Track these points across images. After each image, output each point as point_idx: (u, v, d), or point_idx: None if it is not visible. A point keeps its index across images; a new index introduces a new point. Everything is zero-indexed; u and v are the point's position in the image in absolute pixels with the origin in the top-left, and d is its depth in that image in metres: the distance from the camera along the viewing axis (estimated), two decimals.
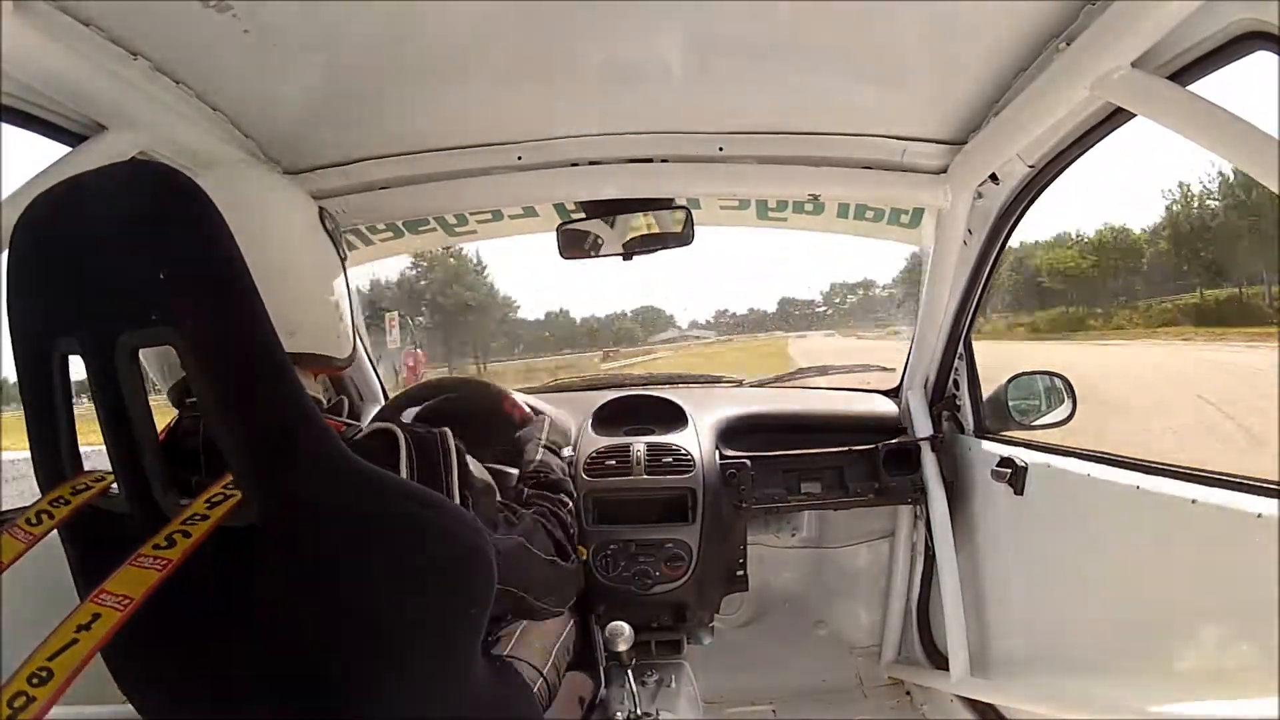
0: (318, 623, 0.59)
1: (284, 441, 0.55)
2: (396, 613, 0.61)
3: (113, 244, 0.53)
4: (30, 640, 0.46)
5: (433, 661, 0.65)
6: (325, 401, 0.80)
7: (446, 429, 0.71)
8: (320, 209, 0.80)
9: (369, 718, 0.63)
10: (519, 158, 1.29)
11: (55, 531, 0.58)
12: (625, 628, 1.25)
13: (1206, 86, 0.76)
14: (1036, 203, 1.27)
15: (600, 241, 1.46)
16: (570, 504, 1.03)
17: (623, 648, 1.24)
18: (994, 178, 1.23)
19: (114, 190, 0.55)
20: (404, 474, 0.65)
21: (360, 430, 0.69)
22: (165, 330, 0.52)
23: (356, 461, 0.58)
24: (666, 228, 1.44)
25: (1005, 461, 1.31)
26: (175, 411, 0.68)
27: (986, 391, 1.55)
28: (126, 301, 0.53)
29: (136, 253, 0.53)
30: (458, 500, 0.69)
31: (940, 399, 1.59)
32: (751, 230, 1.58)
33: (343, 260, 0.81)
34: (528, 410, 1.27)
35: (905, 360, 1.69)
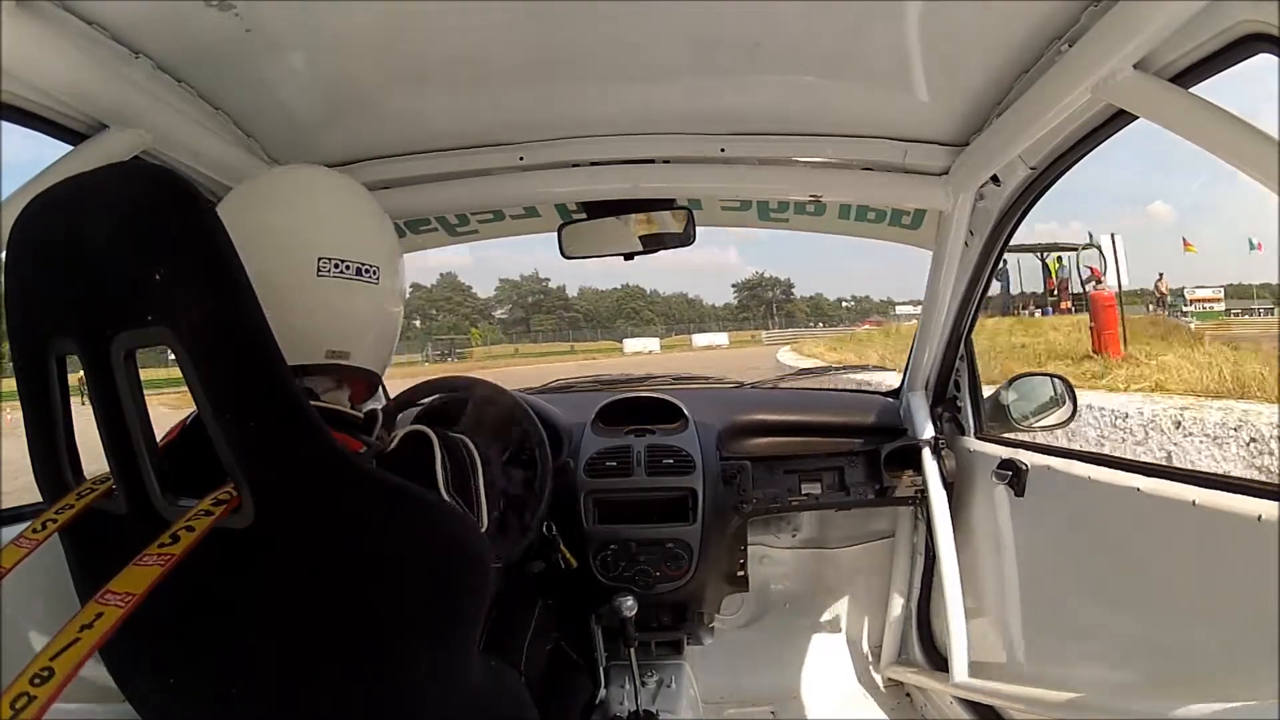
0: (315, 623, 0.59)
1: (280, 443, 0.55)
2: (393, 612, 0.61)
3: (108, 244, 0.53)
4: (30, 638, 0.46)
5: (430, 661, 0.65)
6: (360, 415, 0.75)
7: (464, 437, 0.72)
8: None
9: (367, 717, 0.63)
10: (521, 158, 1.29)
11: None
12: (628, 597, 1.28)
13: (1209, 89, 0.76)
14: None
15: (602, 242, 1.46)
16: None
17: (628, 614, 1.28)
18: (995, 179, 1.22)
19: (110, 190, 0.54)
20: (440, 477, 0.66)
21: (382, 439, 0.68)
22: (161, 330, 0.51)
23: (352, 461, 0.58)
24: (668, 228, 1.44)
25: (1006, 463, 1.31)
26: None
27: (987, 393, 1.55)
28: (122, 302, 0.53)
29: (132, 253, 0.52)
30: (484, 504, 0.70)
31: (941, 400, 1.59)
32: None
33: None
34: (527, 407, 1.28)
35: (906, 361, 1.69)
